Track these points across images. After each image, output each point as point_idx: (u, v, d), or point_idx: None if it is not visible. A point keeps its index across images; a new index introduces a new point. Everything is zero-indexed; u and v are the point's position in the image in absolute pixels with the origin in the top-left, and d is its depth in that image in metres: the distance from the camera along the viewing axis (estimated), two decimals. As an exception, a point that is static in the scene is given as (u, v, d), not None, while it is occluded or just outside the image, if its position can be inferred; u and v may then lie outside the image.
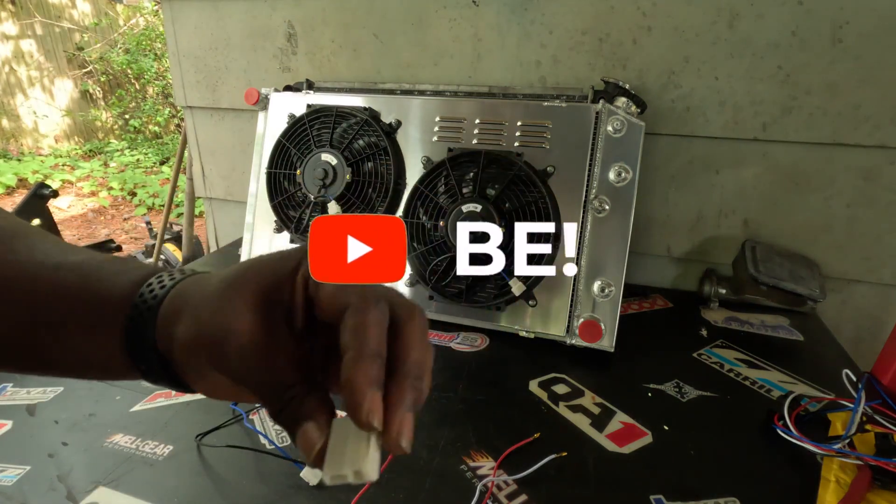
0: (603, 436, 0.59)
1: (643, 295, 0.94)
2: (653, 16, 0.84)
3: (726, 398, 0.65)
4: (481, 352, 0.76)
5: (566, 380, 0.69)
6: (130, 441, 0.58)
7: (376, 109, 0.85)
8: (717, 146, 0.88)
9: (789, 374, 0.70)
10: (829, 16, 0.77)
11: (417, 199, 0.80)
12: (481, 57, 0.95)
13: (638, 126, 0.72)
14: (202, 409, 0.64)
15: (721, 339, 0.79)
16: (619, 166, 0.73)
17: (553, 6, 0.89)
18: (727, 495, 0.50)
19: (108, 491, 0.52)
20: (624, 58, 0.88)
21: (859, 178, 0.83)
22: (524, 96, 0.84)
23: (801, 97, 0.82)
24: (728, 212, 0.91)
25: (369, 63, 1.03)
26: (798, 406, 0.59)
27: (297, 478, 0.52)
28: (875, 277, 0.87)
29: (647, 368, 0.71)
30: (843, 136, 0.82)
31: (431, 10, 0.95)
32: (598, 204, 0.73)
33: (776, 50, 0.81)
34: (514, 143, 0.78)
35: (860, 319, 0.90)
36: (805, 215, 0.87)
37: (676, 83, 0.87)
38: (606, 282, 0.73)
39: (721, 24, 0.82)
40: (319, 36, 1.04)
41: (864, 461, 0.50)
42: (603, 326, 0.72)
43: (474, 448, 0.57)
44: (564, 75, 0.92)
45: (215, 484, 0.53)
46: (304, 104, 0.89)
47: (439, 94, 0.87)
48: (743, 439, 0.59)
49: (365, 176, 0.84)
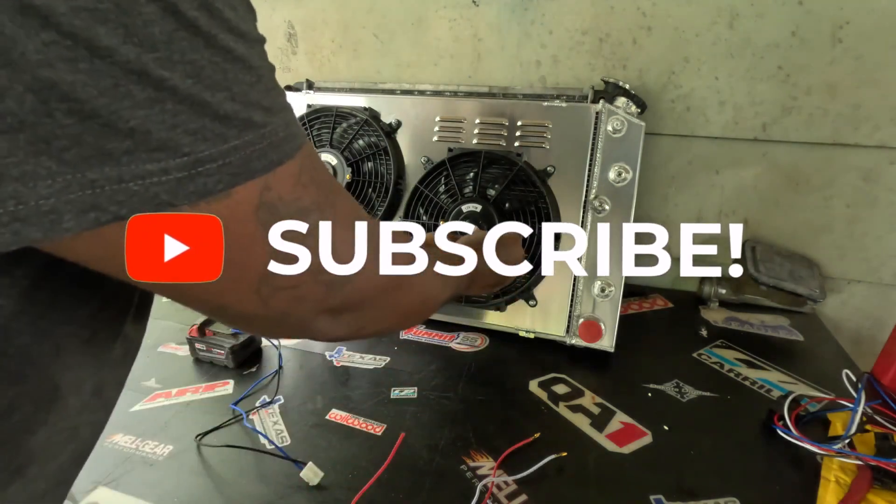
0: (603, 436, 0.59)
1: (643, 295, 0.94)
2: (653, 16, 0.84)
3: (726, 398, 0.65)
4: (481, 352, 0.76)
5: (566, 380, 0.69)
6: (130, 441, 0.58)
7: (376, 109, 0.85)
8: (717, 146, 0.88)
9: (789, 374, 0.70)
10: (829, 16, 0.77)
11: (418, 199, 0.80)
12: (481, 57, 0.95)
13: (638, 126, 0.72)
14: (202, 409, 0.64)
15: (721, 339, 0.79)
16: (619, 166, 0.73)
17: (553, 6, 0.89)
18: (727, 495, 0.50)
19: (108, 491, 0.52)
20: (624, 58, 0.88)
21: (859, 178, 0.83)
22: (524, 96, 0.84)
23: (801, 97, 0.82)
24: (728, 212, 0.91)
25: (369, 63, 1.03)
26: (798, 406, 0.59)
27: (297, 478, 0.52)
28: (875, 277, 0.87)
29: (647, 368, 0.71)
30: (843, 136, 0.82)
31: (431, 10, 0.95)
32: (598, 204, 0.73)
33: (776, 50, 0.81)
34: (514, 143, 0.78)
35: (860, 319, 0.90)
36: (805, 215, 0.87)
37: (676, 83, 0.87)
38: (606, 282, 0.73)
39: (721, 24, 0.82)
40: (319, 36, 1.04)
41: (864, 461, 0.50)
42: (603, 326, 0.73)
43: (474, 448, 0.57)
44: (564, 75, 0.92)
45: (215, 484, 0.53)
46: (304, 104, 0.89)
47: (439, 94, 0.87)
48: (743, 439, 0.59)
49: (365, 176, 0.84)
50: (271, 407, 0.64)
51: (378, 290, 0.35)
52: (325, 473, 0.53)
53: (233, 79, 0.22)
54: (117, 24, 0.18)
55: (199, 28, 0.20)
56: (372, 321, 0.37)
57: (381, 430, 0.60)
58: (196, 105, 0.21)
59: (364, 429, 0.60)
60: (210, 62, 0.21)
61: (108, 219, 0.20)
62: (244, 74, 0.23)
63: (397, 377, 0.69)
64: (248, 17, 0.24)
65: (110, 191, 0.19)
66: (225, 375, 0.70)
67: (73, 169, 0.19)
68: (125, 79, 0.19)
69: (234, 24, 0.22)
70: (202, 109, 0.21)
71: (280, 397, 0.65)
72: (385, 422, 0.61)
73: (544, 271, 0.73)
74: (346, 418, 0.62)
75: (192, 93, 0.20)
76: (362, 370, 0.71)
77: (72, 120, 0.18)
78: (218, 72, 0.21)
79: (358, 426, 0.60)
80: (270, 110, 0.24)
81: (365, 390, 0.67)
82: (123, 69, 0.19)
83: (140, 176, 0.20)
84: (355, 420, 0.61)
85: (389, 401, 0.65)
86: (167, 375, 0.70)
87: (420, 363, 0.72)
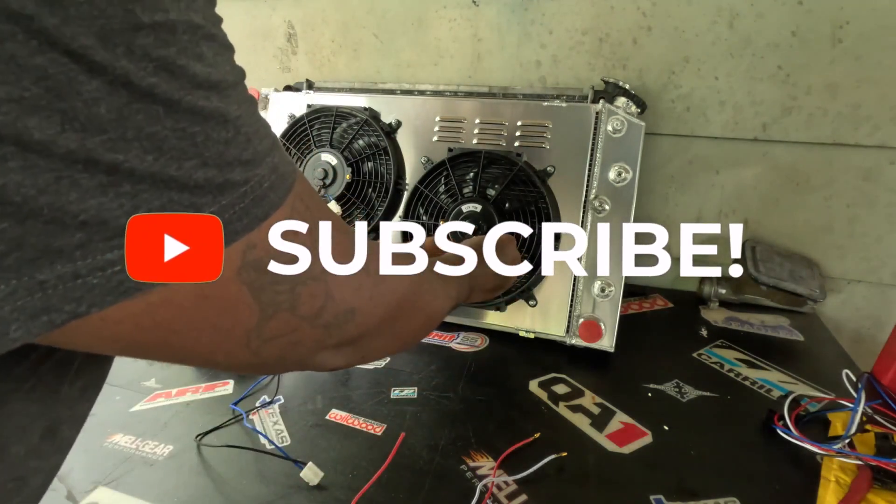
0: (603, 436, 0.59)
1: (643, 295, 0.94)
2: (653, 16, 0.84)
3: (726, 398, 0.65)
4: (481, 352, 0.76)
5: (566, 380, 0.69)
6: (130, 441, 0.58)
7: (376, 109, 0.85)
8: (717, 146, 0.88)
9: (789, 374, 0.70)
10: (829, 16, 0.77)
11: (418, 199, 0.80)
12: (481, 57, 0.95)
13: (638, 126, 0.72)
14: (202, 409, 0.64)
15: (721, 339, 0.79)
16: (619, 166, 0.73)
17: (553, 6, 0.89)
18: (727, 495, 0.50)
19: (108, 491, 0.52)
20: (624, 58, 0.88)
21: (859, 178, 0.83)
22: (524, 96, 0.84)
23: (801, 97, 0.82)
24: (728, 212, 0.91)
25: (369, 63, 1.03)
26: (798, 406, 0.59)
27: (297, 478, 0.52)
28: (875, 277, 0.87)
29: (647, 368, 0.71)
30: (843, 136, 0.82)
31: (431, 10, 0.95)
32: (598, 204, 0.73)
33: (776, 50, 0.81)
34: (514, 143, 0.78)
35: (860, 319, 0.90)
36: (805, 215, 0.87)
37: (676, 83, 0.87)
38: (606, 282, 0.73)
39: (721, 24, 0.82)
40: (319, 36, 1.04)
41: (864, 461, 0.50)
42: (603, 326, 0.73)
43: (474, 448, 0.57)
44: (564, 75, 0.92)
45: (215, 484, 0.53)
46: (303, 104, 0.89)
47: (439, 94, 0.87)
48: (743, 439, 0.59)
49: (365, 176, 0.84)
50: (271, 407, 0.64)
51: (380, 321, 0.34)
52: (325, 473, 0.53)
53: (204, 142, 0.20)
54: (51, 111, 0.16)
55: (158, 95, 0.18)
56: (374, 350, 0.37)
57: (381, 430, 0.60)
58: (159, 182, 0.18)
59: (364, 429, 0.60)
60: (174, 131, 0.19)
61: (64, 319, 0.18)
62: (218, 131, 0.20)
63: (397, 377, 0.69)
64: (221, 60, 0.21)
65: (64, 289, 0.17)
66: (225, 375, 0.70)
67: (16, 274, 0.16)
68: (68, 170, 0.16)
69: (202, 77, 0.20)
70: (167, 185, 0.19)
71: (280, 397, 0.65)
72: (385, 422, 0.61)
73: (544, 271, 0.73)
74: (346, 418, 0.62)
75: (154, 170, 0.18)
76: (362, 370, 0.71)
77: (7, 223, 0.16)
78: (184, 139, 0.19)
79: (358, 426, 0.60)
80: (252, 162, 0.22)
81: (365, 390, 0.67)
82: (65, 160, 0.16)
83: (99, 268, 0.18)
84: (355, 420, 0.61)
85: (389, 401, 0.65)
86: (167, 375, 0.70)
87: (420, 363, 0.72)
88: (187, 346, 0.23)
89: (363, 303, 0.31)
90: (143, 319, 0.20)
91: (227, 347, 0.25)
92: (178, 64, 0.18)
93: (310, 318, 0.27)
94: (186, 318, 0.22)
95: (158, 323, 0.21)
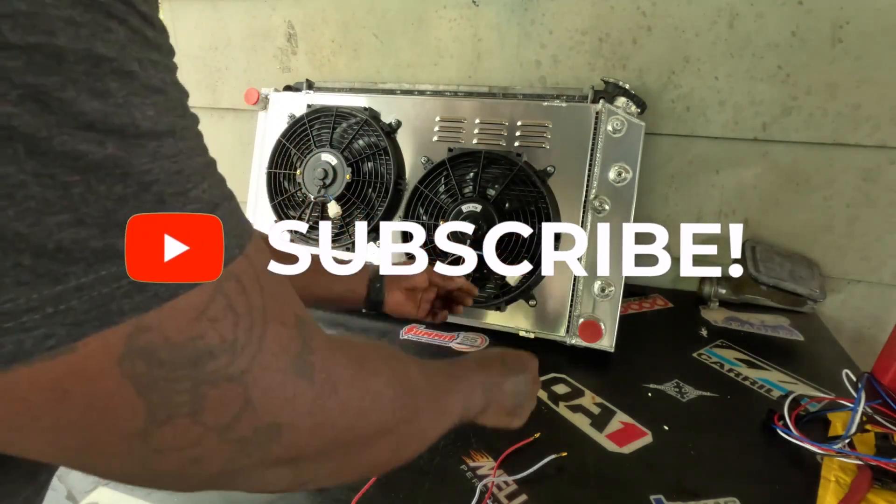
0: (603, 436, 0.59)
1: (643, 295, 0.94)
2: (653, 16, 0.84)
3: (726, 398, 0.65)
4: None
5: (566, 380, 0.69)
6: (130, 441, 0.58)
7: (376, 109, 0.85)
8: (717, 146, 0.88)
9: (789, 374, 0.70)
10: (829, 16, 0.77)
11: (418, 199, 0.80)
12: (481, 57, 0.95)
13: (638, 126, 0.72)
14: (202, 409, 0.64)
15: (721, 339, 0.79)
16: (619, 166, 0.73)
17: (553, 6, 0.89)
18: (727, 495, 0.50)
19: (108, 491, 0.52)
20: (624, 58, 0.88)
21: (859, 178, 0.83)
22: (524, 96, 0.84)
23: (801, 97, 0.82)
24: (728, 212, 0.91)
25: (369, 63, 1.03)
26: (798, 406, 0.59)
27: (297, 478, 0.52)
28: (875, 277, 0.87)
29: (647, 368, 0.71)
30: (843, 136, 0.82)
31: (431, 10, 0.95)
32: (598, 204, 0.73)
33: (776, 50, 0.81)
34: (514, 143, 0.78)
35: (860, 319, 0.90)
36: (805, 215, 0.87)
37: (676, 83, 0.87)
38: (606, 282, 0.73)
39: (721, 24, 0.82)
40: (319, 36, 1.04)
41: (864, 461, 0.50)
42: (603, 326, 0.72)
43: (474, 448, 0.57)
44: (564, 75, 0.92)
45: (215, 484, 0.53)
46: (304, 104, 0.89)
47: (439, 94, 0.87)
48: (743, 439, 0.59)
49: (365, 176, 0.84)
50: (271, 407, 0.64)
51: (325, 444, 0.26)
52: (325, 473, 0.53)
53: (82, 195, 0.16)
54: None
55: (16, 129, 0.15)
56: (324, 477, 0.28)
57: (381, 430, 0.60)
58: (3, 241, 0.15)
59: (364, 429, 0.60)
60: (36, 177, 0.15)
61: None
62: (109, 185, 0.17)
63: (397, 377, 0.69)
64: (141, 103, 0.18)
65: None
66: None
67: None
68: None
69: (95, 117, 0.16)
70: (11, 244, 0.15)
71: (280, 397, 0.65)
72: (385, 422, 0.61)
73: (544, 271, 0.73)
74: (346, 418, 0.61)
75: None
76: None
77: None
78: (52, 188, 0.16)
79: (358, 426, 0.60)
80: None
81: (365, 390, 0.67)
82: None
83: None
84: (355, 420, 0.61)
85: (389, 401, 0.65)
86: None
87: (420, 363, 0.72)
88: (41, 449, 0.19)
89: (296, 418, 0.23)
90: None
91: (101, 457, 0.20)
92: (56, 96, 0.15)
93: (218, 430, 0.21)
94: (30, 415, 0.18)
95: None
